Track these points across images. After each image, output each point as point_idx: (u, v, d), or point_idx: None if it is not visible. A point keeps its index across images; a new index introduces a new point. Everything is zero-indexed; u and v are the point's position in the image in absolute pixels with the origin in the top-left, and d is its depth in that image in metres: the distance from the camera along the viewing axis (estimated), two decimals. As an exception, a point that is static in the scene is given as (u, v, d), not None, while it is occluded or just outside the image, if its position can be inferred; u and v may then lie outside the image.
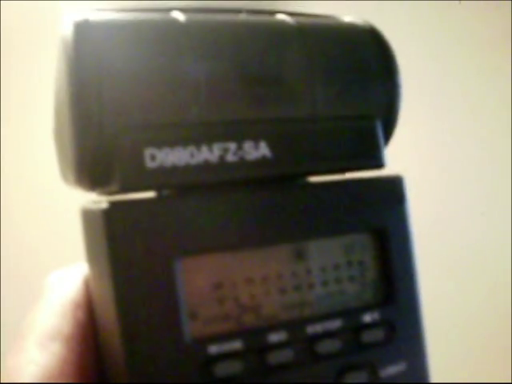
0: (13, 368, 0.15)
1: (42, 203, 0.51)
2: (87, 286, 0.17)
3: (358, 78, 0.17)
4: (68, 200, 0.28)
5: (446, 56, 0.71)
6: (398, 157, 0.69)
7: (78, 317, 0.16)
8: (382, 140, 0.17)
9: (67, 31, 0.14)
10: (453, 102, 0.72)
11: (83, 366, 0.15)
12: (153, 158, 0.14)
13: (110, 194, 0.15)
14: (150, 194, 0.15)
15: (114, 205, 0.14)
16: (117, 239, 0.14)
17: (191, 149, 0.15)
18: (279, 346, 0.15)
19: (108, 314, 0.15)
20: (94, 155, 0.14)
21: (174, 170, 0.15)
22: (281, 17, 0.17)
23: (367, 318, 0.16)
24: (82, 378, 0.15)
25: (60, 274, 0.17)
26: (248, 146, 0.15)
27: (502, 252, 0.75)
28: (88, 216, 0.15)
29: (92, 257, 0.15)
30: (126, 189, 0.14)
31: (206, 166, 0.15)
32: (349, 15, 0.18)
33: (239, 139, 0.15)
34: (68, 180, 0.16)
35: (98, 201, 0.15)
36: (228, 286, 0.15)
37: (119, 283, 0.14)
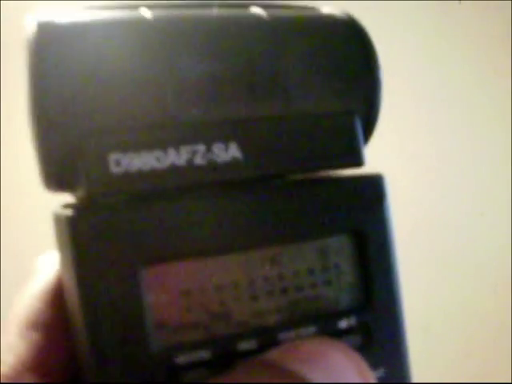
0: None
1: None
2: None
3: (336, 73, 0.16)
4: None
5: (446, 56, 0.71)
6: (400, 157, 0.69)
7: (60, 304, 0.15)
8: (361, 137, 0.16)
9: (30, 31, 0.14)
10: (453, 102, 0.72)
11: (62, 356, 0.15)
12: (118, 163, 0.14)
13: (79, 198, 0.15)
14: (117, 200, 0.15)
15: (79, 211, 0.14)
16: (82, 246, 0.14)
17: (157, 153, 0.14)
18: (249, 354, 0.15)
19: (76, 319, 0.14)
20: (58, 160, 0.14)
21: (140, 174, 0.14)
22: (254, 10, 0.16)
23: (343, 323, 0.16)
24: (60, 368, 0.15)
25: (48, 257, 0.17)
26: (217, 148, 0.15)
27: (502, 252, 0.75)
28: (56, 221, 0.15)
29: (62, 262, 0.15)
30: (91, 195, 0.14)
31: (173, 170, 0.14)
32: (329, 6, 0.17)
33: (208, 141, 0.15)
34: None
35: (67, 205, 0.15)
36: (196, 293, 0.15)
37: (84, 291, 0.14)
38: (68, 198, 0.15)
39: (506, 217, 0.74)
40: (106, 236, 0.14)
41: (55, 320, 0.15)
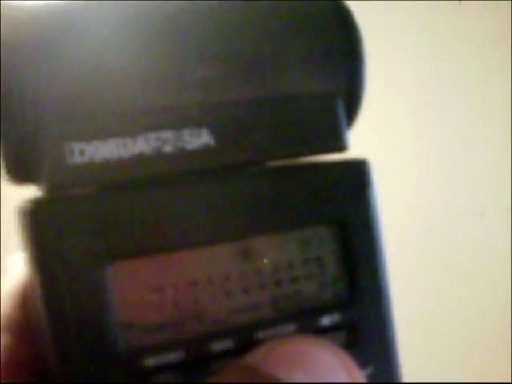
0: None
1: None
2: None
3: (315, 53, 0.15)
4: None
5: (446, 56, 0.71)
6: (399, 157, 0.69)
7: (30, 304, 0.15)
8: (343, 120, 0.15)
9: None
10: (453, 102, 0.72)
11: (31, 357, 0.15)
12: (81, 152, 0.13)
13: (42, 191, 0.14)
14: (81, 191, 0.14)
15: (38, 204, 0.13)
16: (42, 242, 0.13)
17: (124, 141, 0.13)
18: (224, 354, 0.14)
19: (40, 319, 0.14)
20: (19, 151, 0.13)
21: (105, 164, 0.13)
22: None
23: (326, 320, 0.15)
24: (29, 369, 0.15)
25: (20, 256, 0.16)
26: (188, 134, 0.14)
27: (502, 252, 0.75)
28: (18, 216, 0.14)
29: (25, 260, 0.14)
30: (52, 187, 0.13)
31: (140, 158, 0.13)
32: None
33: (177, 127, 0.14)
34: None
35: (30, 199, 0.14)
36: (166, 290, 0.14)
37: (46, 290, 0.13)
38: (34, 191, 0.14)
39: (507, 217, 0.74)
40: (67, 230, 0.13)
41: (25, 321, 0.15)
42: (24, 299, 0.15)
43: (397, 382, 0.16)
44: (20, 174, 0.14)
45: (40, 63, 0.13)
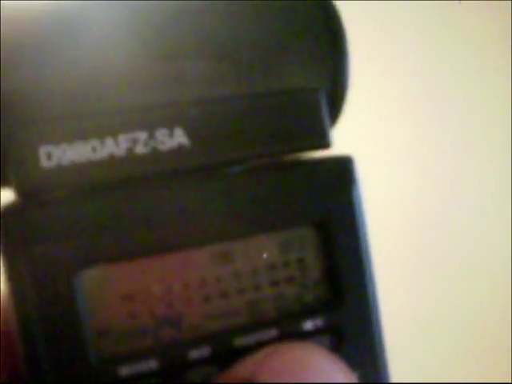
0: None
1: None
2: None
3: (295, 48, 0.14)
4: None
5: (446, 56, 0.71)
6: (399, 157, 0.69)
7: None
8: (326, 116, 0.14)
9: None
10: (453, 102, 0.72)
11: (13, 366, 0.14)
12: (49, 156, 0.13)
13: (15, 195, 0.14)
14: (51, 196, 0.13)
15: (8, 210, 0.13)
16: (12, 248, 0.13)
17: (93, 143, 0.13)
18: (201, 362, 0.13)
19: (13, 328, 0.13)
20: None
21: (74, 167, 0.13)
22: None
23: (308, 324, 0.14)
24: (12, 377, 0.14)
25: None
26: (161, 134, 0.13)
27: (502, 252, 0.75)
28: None
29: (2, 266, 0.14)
30: (22, 192, 0.13)
31: (111, 160, 0.13)
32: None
33: (150, 127, 0.13)
34: None
35: (4, 204, 0.13)
36: (141, 297, 0.14)
37: (17, 297, 0.13)
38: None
39: (507, 217, 0.74)
40: (37, 236, 0.13)
41: (5, 328, 0.14)
42: (4, 304, 0.15)
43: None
44: None
45: (11, 69, 0.13)
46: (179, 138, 0.14)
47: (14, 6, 0.13)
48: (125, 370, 0.13)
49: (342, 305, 0.15)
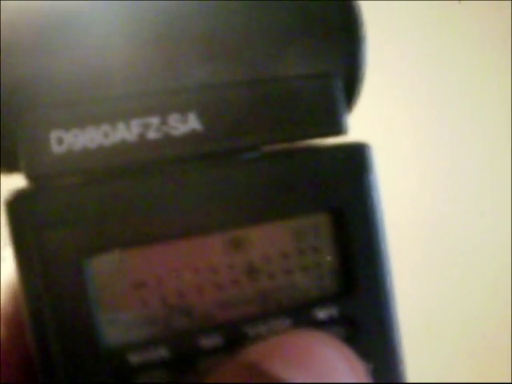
0: None
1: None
2: None
3: (309, 30, 0.14)
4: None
5: (446, 56, 0.71)
6: (399, 157, 0.69)
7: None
8: (341, 102, 0.14)
9: None
10: (453, 102, 0.72)
11: (24, 353, 0.14)
12: (60, 141, 0.13)
13: (25, 180, 0.13)
14: (61, 182, 0.13)
15: (18, 195, 0.13)
16: (22, 234, 0.13)
17: (105, 128, 0.13)
18: (213, 351, 0.13)
19: (24, 314, 0.13)
20: (2, 139, 0.13)
21: (85, 153, 0.13)
22: None
23: (323, 313, 0.14)
24: (22, 364, 0.14)
25: None
26: (173, 119, 0.13)
27: (502, 252, 0.75)
28: (3, 207, 0.13)
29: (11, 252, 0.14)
30: (32, 177, 0.13)
31: (123, 146, 0.13)
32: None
33: (163, 112, 0.13)
34: None
35: (15, 189, 0.13)
36: (152, 284, 0.13)
37: (27, 283, 0.13)
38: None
39: (506, 217, 0.74)
40: (47, 222, 0.13)
41: (17, 314, 0.14)
42: (15, 291, 0.15)
43: (399, 378, 0.15)
44: (6, 163, 0.13)
45: (21, 53, 0.12)
46: (192, 123, 0.13)
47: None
48: (135, 358, 0.13)
49: (356, 295, 0.14)
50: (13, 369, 0.14)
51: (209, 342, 0.13)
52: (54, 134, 0.13)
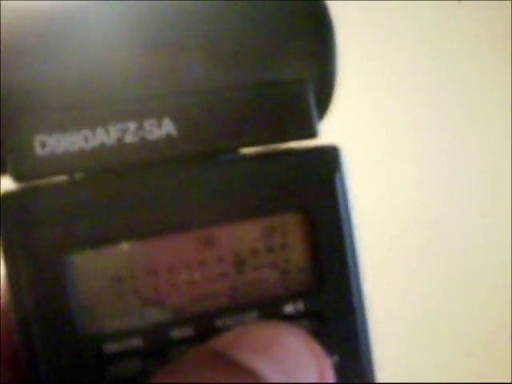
0: None
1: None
2: None
3: (282, 38, 0.15)
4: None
5: (446, 56, 0.71)
6: (401, 157, 0.69)
7: None
8: (313, 106, 0.15)
9: None
10: (452, 102, 0.72)
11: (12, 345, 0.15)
12: (43, 144, 0.14)
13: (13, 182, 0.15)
14: (45, 183, 0.14)
15: (5, 197, 0.14)
16: (8, 232, 0.14)
17: (85, 132, 0.14)
18: (183, 342, 0.14)
19: (10, 307, 0.14)
20: None
21: (67, 156, 0.14)
22: None
23: (290, 308, 0.15)
24: (10, 358, 0.15)
25: None
26: (149, 124, 0.14)
27: (503, 252, 0.75)
28: None
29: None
30: (18, 179, 0.14)
31: (101, 149, 0.14)
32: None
33: (139, 118, 0.14)
34: None
35: (3, 191, 0.14)
36: (128, 279, 0.14)
37: (12, 278, 0.14)
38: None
39: (507, 217, 0.74)
40: (30, 221, 0.14)
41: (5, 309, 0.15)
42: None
43: (365, 371, 0.15)
44: None
45: (7, 62, 0.13)
46: (167, 128, 0.14)
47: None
48: (110, 347, 0.14)
49: (323, 290, 0.15)
50: (3, 364, 0.15)
51: (180, 333, 0.14)
52: (38, 138, 0.14)
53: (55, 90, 0.14)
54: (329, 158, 0.15)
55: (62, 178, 0.14)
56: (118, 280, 0.14)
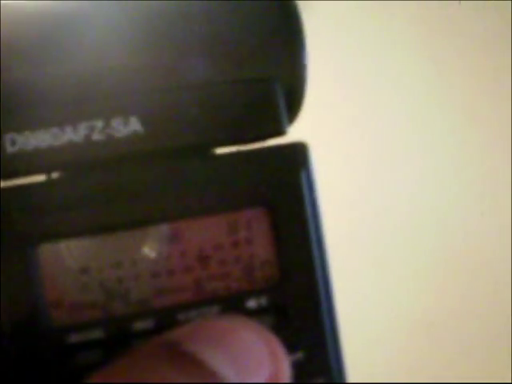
0: None
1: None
2: None
3: (251, 37, 0.15)
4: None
5: (446, 56, 0.71)
6: (400, 157, 0.69)
7: None
8: (281, 105, 0.15)
9: None
10: (452, 102, 0.72)
11: None
12: (13, 142, 0.14)
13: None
14: (16, 178, 0.15)
15: None
16: None
17: (54, 130, 0.14)
18: (145, 334, 0.15)
19: None
20: None
21: (36, 153, 0.14)
22: None
23: (252, 303, 0.15)
24: None
25: None
26: (116, 122, 0.15)
27: (503, 252, 0.75)
28: None
29: None
30: None
31: (70, 146, 0.14)
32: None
33: (106, 116, 0.15)
34: None
35: None
36: (93, 271, 0.15)
37: None
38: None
39: (507, 217, 0.74)
40: (3, 214, 0.14)
41: None
42: None
43: (332, 366, 0.15)
44: None
45: None
46: (134, 125, 0.15)
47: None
48: (74, 338, 0.14)
49: (287, 285, 0.15)
50: None
51: (142, 325, 0.15)
52: (8, 136, 0.14)
53: (23, 90, 0.14)
54: (295, 153, 0.15)
55: (31, 173, 0.15)
56: (83, 272, 0.15)
